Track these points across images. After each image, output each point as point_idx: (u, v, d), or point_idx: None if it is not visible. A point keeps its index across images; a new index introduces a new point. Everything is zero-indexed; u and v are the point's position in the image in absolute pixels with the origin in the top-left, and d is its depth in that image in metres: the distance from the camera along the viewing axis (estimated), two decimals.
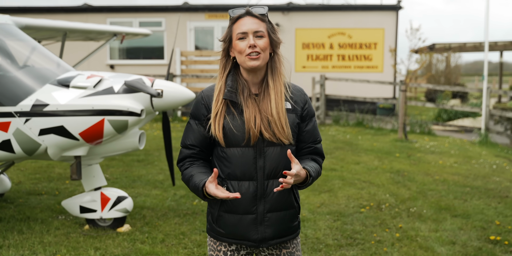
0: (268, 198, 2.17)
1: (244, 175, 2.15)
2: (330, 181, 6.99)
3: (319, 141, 2.30)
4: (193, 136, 2.22)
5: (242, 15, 2.14)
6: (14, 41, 4.84)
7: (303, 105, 2.24)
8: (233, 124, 2.12)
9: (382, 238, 4.83)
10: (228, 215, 2.21)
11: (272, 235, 2.21)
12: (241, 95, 2.16)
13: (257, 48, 2.10)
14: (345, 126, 13.24)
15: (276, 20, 16.35)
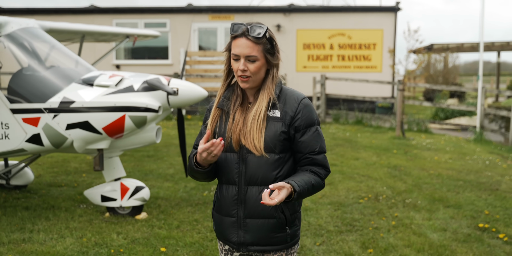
0: (247, 203, 2.22)
1: (228, 179, 2.24)
2: (330, 175, 7.40)
3: (318, 152, 2.23)
4: (200, 138, 2.34)
5: (238, 35, 2.14)
6: (41, 43, 5.26)
7: (294, 114, 2.21)
8: (219, 131, 2.23)
9: (379, 225, 5.25)
10: (216, 215, 2.33)
11: (250, 240, 2.24)
12: (232, 105, 2.24)
13: (247, 72, 2.14)
14: (344, 124, 13.67)
15: (277, 21, 16.78)
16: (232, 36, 2.15)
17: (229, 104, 2.24)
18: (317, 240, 4.77)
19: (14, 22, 5.02)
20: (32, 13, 16.94)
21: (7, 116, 4.79)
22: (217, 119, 2.24)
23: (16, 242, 4.56)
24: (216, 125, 2.24)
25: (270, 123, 2.19)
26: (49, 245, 4.49)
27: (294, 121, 2.20)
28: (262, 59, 2.15)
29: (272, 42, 2.18)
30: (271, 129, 2.18)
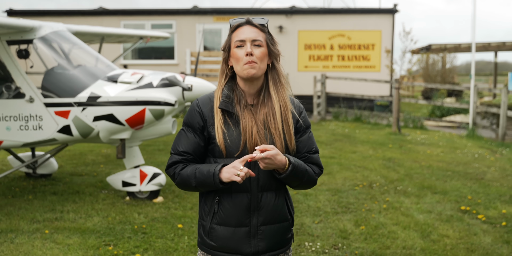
0: (262, 210, 2.15)
1: (238, 187, 2.12)
2: (329, 166, 8.01)
3: (314, 151, 2.25)
4: (186, 143, 2.17)
5: (242, 23, 2.13)
6: (69, 45, 5.88)
7: (299, 116, 2.23)
8: (228, 134, 2.10)
9: (372, 207, 5.86)
10: (220, 228, 2.16)
11: (265, 248, 2.17)
12: (237, 105, 2.14)
13: (253, 57, 2.08)
14: (344, 122, 14.28)
15: (279, 22, 17.39)
16: (235, 25, 2.13)
17: (234, 106, 2.13)
18: (316, 219, 5.38)
19: (46, 26, 5.64)
20: (43, 15, 17.57)
21: (41, 110, 5.41)
22: (223, 123, 2.12)
23: (50, 220, 5.18)
24: (224, 129, 2.11)
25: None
26: (79, 223, 5.11)
27: (297, 123, 2.21)
28: (266, 47, 2.13)
29: (272, 36, 2.19)
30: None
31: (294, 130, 2.19)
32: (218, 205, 2.14)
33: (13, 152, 6.62)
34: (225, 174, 2.02)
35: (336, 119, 14.79)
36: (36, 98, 5.41)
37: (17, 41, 5.58)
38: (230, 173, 2.00)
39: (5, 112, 5.44)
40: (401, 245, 4.66)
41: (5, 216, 5.29)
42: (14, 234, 4.77)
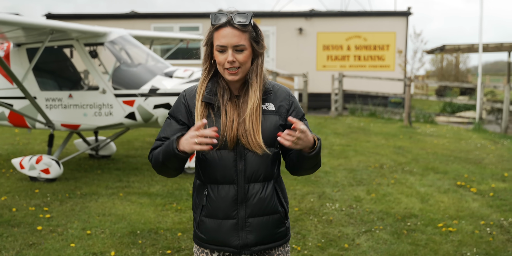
0: (249, 202, 2.10)
1: (224, 178, 2.08)
2: (345, 152, 9.19)
3: None
4: (170, 131, 2.13)
5: (223, 25, 2.01)
6: (132, 47, 7.14)
7: (288, 106, 2.15)
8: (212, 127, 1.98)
9: (381, 182, 7.02)
10: (208, 220, 2.14)
11: (254, 241, 2.13)
12: (220, 99, 2.08)
13: (236, 63, 2.01)
14: (359, 117, 15.43)
15: (299, 25, 18.58)
16: (215, 27, 2.02)
17: (217, 99, 2.07)
18: (334, 189, 6.57)
19: (115, 31, 6.90)
20: (79, 18, 18.95)
21: (112, 99, 6.67)
22: (206, 116, 2.07)
23: (121, 187, 6.45)
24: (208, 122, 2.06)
25: (266, 116, 2.09)
26: (144, 189, 6.37)
27: (289, 114, 2.15)
28: (249, 48, 2.04)
29: (257, 30, 2.08)
30: (269, 123, 2.09)
31: (286, 121, 2.12)
32: (206, 198, 2.13)
33: (82, 136, 7.91)
34: (183, 145, 1.94)
35: (352, 115, 15.94)
36: (107, 90, 6.67)
37: (91, 44, 6.86)
38: (189, 143, 1.92)
39: (83, 101, 6.71)
40: (403, 206, 5.83)
41: (84, 184, 6.57)
42: (96, 196, 6.04)
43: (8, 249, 4.36)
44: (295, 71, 18.22)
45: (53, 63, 7.29)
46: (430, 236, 4.83)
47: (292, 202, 5.90)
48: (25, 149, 9.06)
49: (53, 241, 4.56)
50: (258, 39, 2.07)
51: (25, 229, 4.88)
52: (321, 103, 18.33)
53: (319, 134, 11.33)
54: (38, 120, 6.74)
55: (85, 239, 4.61)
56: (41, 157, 6.64)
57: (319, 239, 4.71)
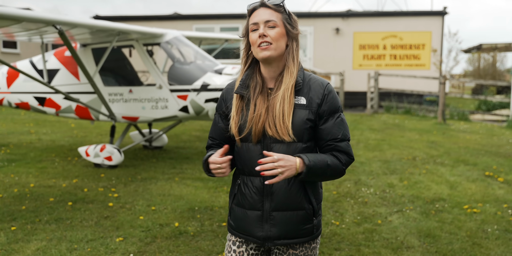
0: (274, 196, 2.11)
1: (251, 171, 2.11)
2: (380, 146, 9.73)
3: (341, 139, 2.11)
4: (214, 129, 2.23)
5: (256, 7, 2.07)
6: (184, 46, 7.86)
7: (320, 101, 2.10)
8: (242, 120, 2.09)
9: (413, 172, 7.56)
10: (237, 209, 2.20)
11: (277, 234, 2.14)
12: (252, 91, 2.10)
13: (267, 38, 2.02)
14: (395, 114, 15.88)
15: (336, 25, 19.11)
16: (250, 10, 2.08)
17: (248, 91, 2.11)
18: (369, 177, 7.14)
19: (170, 33, 7.64)
20: (125, 20, 19.90)
21: (167, 94, 7.40)
22: (240, 109, 2.11)
23: (175, 173, 7.18)
24: (240, 115, 2.10)
25: (296, 110, 2.07)
26: (197, 175, 7.08)
27: (321, 107, 2.10)
28: (282, 27, 2.05)
29: (290, 16, 2.10)
30: (298, 117, 2.06)
31: (317, 116, 2.10)
32: (238, 187, 2.18)
33: (138, 128, 8.70)
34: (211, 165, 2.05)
35: (387, 112, 16.40)
36: (163, 86, 7.40)
37: (149, 44, 7.61)
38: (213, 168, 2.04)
39: (141, 96, 7.47)
40: (433, 192, 6.37)
41: (143, 170, 7.33)
42: (155, 180, 6.79)
43: (88, 220, 5.11)
44: (332, 70, 18.75)
45: (114, 61, 8.07)
46: (456, 216, 5.38)
47: (330, 187, 6.51)
48: (84, 141, 9.91)
49: (124, 215, 5.29)
50: (291, 21, 2.09)
51: (98, 205, 5.64)
52: (357, 101, 18.82)
53: (354, 130, 11.89)
54: (102, 112, 7.53)
55: (151, 213, 5.33)
56: (105, 146, 7.42)
57: (355, 216, 5.32)
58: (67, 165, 7.71)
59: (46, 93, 7.82)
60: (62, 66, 7.72)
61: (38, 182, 6.65)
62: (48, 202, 5.72)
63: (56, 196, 5.96)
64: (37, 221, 5.06)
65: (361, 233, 4.80)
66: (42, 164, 7.73)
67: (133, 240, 4.56)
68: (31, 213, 5.29)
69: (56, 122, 13.04)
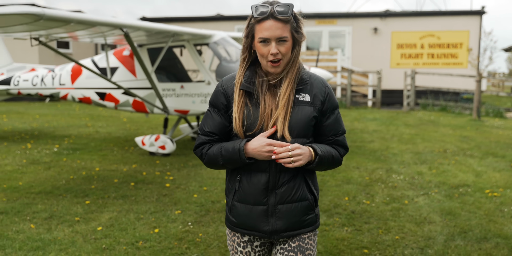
0: (279, 190, 2.14)
1: (257, 167, 2.12)
2: (413, 140, 10.26)
3: (340, 133, 2.23)
4: (212, 123, 2.17)
5: (265, 17, 2.00)
6: (230, 46, 8.60)
7: (323, 98, 2.15)
8: (249, 117, 2.08)
9: (443, 162, 8.09)
10: (240, 205, 2.20)
11: (283, 227, 2.18)
12: (259, 88, 2.11)
13: (279, 55, 2.03)
14: (431, 111, 16.28)
15: (374, 24, 19.58)
16: (258, 19, 2.01)
17: (255, 88, 2.11)
18: (400, 166, 7.73)
19: (217, 34, 8.39)
20: (170, 21, 20.85)
21: None
22: (243, 105, 2.10)
23: None
24: (244, 111, 2.10)
25: (301, 107, 2.10)
26: None
27: (324, 105, 2.15)
28: (291, 39, 2.05)
29: (297, 20, 2.07)
30: (302, 114, 2.10)
31: (320, 113, 2.15)
32: (239, 183, 2.18)
33: (188, 121, 9.49)
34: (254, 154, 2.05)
35: (423, 109, 16.81)
36: (212, 82, 8.16)
37: (198, 44, 8.39)
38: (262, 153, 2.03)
39: (192, 91, 8.25)
40: (459, 179, 6.92)
41: (193, 158, 8.11)
42: (204, 167, 7.55)
43: (149, 197, 5.90)
44: (370, 68, 19.24)
45: (167, 60, 8.88)
46: (477, 198, 5.93)
47: (364, 174, 7.14)
48: (137, 133, 10.78)
49: (180, 193, 6.06)
50: (298, 29, 2.07)
51: (157, 185, 6.43)
52: (394, 99, 19.24)
53: (390, 126, 12.42)
54: (157, 106, 8.35)
55: (203, 193, 6.08)
56: (159, 136, 8.24)
57: (384, 197, 5.94)
58: (125, 153, 8.57)
59: (106, 89, 8.69)
60: (120, 64, 8.57)
61: (102, 166, 7.52)
62: (113, 183, 6.54)
63: (119, 178, 6.79)
64: (106, 197, 5.88)
65: (389, 211, 5.43)
66: (103, 152, 8.62)
67: (190, 213, 5.31)
68: (100, 191, 6.12)
69: (109, 117, 14.03)
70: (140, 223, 4.99)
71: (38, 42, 6.76)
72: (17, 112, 15.16)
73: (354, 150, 9.00)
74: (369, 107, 17.75)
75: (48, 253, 4.21)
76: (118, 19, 6.37)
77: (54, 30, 6.18)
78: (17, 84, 9.58)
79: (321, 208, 5.47)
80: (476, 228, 4.90)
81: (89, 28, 6.17)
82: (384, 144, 9.66)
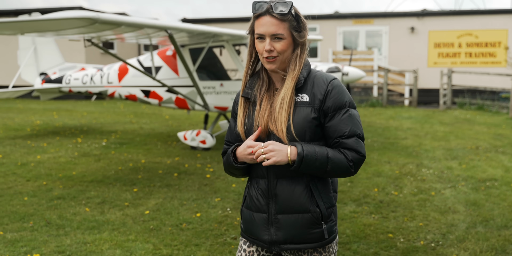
0: (278, 198, 2.06)
1: (256, 172, 2.10)
2: (447, 137, 10.47)
3: (348, 135, 2.02)
4: (229, 133, 2.21)
5: (262, 13, 1.97)
6: None
7: (323, 97, 2.02)
8: (248, 121, 2.08)
9: (473, 158, 8.31)
10: (246, 211, 2.18)
11: (283, 238, 2.07)
12: (257, 92, 2.08)
13: (273, 52, 1.99)
14: (467, 110, 16.34)
15: (411, 24, 19.69)
16: (255, 15, 2.00)
17: (254, 92, 2.09)
18: (431, 161, 7.99)
19: None
20: (210, 22, 21.44)
21: None
22: (246, 110, 2.11)
23: None
24: (246, 116, 2.10)
25: (299, 108, 2.02)
26: None
27: (324, 103, 2.02)
28: (289, 37, 2.00)
29: (299, 19, 2.03)
30: (300, 115, 2.01)
31: (322, 113, 2.03)
32: (248, 189, 2.18)
33: (227, 117, 9.97)
34: (241, 157, 2.05)
35: (460, 108, 16.87)
36: None
37: (237, 44, 8.85)
38: (245, 155, 2.02)
39: (230, 89, 8.71)
40: (487, 173, 7.15)
41: None
42: None
43: (191, 186, 6.38)
44: (407, 68, 19.37)
45: (207, 59, 9.37)
46: (503, 191, 6.19)
47: (394, 168, 7.45)
48: (179, 130, 11.33)
49: (220, 183, 6.52)
50: (299, 28, 2.03)
51: (198, 176, 6.92)
52: (431, 98, 19.31)
53: (425, 124, 12.63)
54: (198, 103, 8.85)
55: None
56: (200, 131, 8.73)
57: (412, 189, 6.26)
58: (168, 148, 9.11)
59: (151, 87, 9.24)
60: (164, 64, 9.11)
61: (147, 159, 8.06)
62: (158, 173, 7.06)
63: (164, 169, 7.31)
64: (152, 186, 6.39)
65: (416, 201, 5.76)
66: (147, 147, 9.18)
67: (228, 200, 5.76)
68: (146, 181, 6.64)
69: (152, 114, 14.68)
70: (183, 208, 5.46)
71: (90, 43, 7.33)
72: (66, 109, 15.99)
73: (387, 146, 9.29)
74: (406, 106, 17.89)
75: (102, 232, 4.72)
76: (163, 22, 6.88)
77: (105, 32, 6.73)
78: (69, 82, 10.25)
79: (351, 198, 5.84)
80: (498, 217, 5.18)
81: (137, 30, 6.70)
82: (417, 141, 9.91)
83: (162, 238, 4.55)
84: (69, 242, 4.44)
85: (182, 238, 4.57)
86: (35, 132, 10.96)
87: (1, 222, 4.97)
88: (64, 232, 4.72)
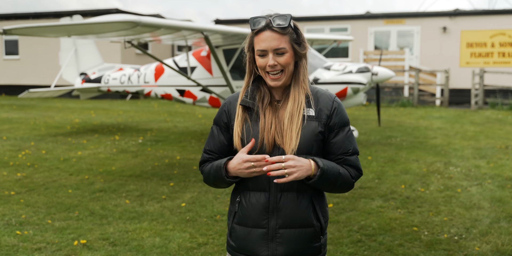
0: (281, 212, 2.01)
1: (256, 185, 2.02)
2: (476, 136, 10.54)
3: (351, 153, 2.06)
4: (213, 142, 2.13)
5: (262, 29, 1.96)
6: None
7: (330, 112, 2.03)
8: (248, 132, 2.01)
9: (502, 157, 8.39)
10: (239, 228, 2.09)
11: (283, 254, 2.04)
12: (260, 103, 2.04)
13: (277, 67, 1.98)
14: (499, 110, 16.26)
15: (443, 23, 19.65)
16: (255, 32, 1.98)
17: (255, 103, 2.04)
18: (459, 160, 8.12)
19: None
20: (242, 23, 21.75)
21: None
22: (243, 121, 2.03)
23: None
24: (243, 126, 2.03)
25: (307, 122, 2.01)
26: None
27: (330, 120, 2.04)
28: (291, 50, 1.99)
29: (298, 32, 2.01)
30: (308, 129, 2.00)
31: (327, 128, 2.04)
32: (238, 204, 2.08)
33: None
34: (236, 172, 1.96)
35: (492, 108, 16.80)
36: None
37: None
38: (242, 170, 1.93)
39: None
40: None
41: None
42: None
43: None
44: (438, 68, 19.33)
45: (239, 60, 9.67)
46: None
47: (422, 166, 7.62)
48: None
49: None
50: (299, 40, 2.02)
51: None
52: (463, 99, 19.22)
53: (455, 124, 12.68)
54: None
55: None
56: None
57: (439, 186, 6.43)
58: (202, 145, 9.44)
59: (186, 86, 9.59)
60: (199, 64, 9.44)
61: (182, 156, 8.41)
62: (193, 169, 7.39)
63: (198, 166, 7.62)
64: (187, 180, 6.72)
65: (442, 197, 5.94)
66: (182, 144, 9.54)
67: None
68: (182, 176, 6.98)
69: (186, 113, 15.09)
70: (217, 201, 5.77)
71: (130, 44, 7.71)
72: (102, 108, 16.54)
73: (416, 145, 9.44)
74: (437, 106, 17.88)
75: (142, 222, 5.05)
76: (199, 24, 7.21)
77: (144, 34, 7.09)
78: (107, 82, 10.69)
79: (378, 194, 6.06)
80: None
81: (175, 32, 7.04)
82: (446, 140, 10.02)
83: (198, 228, 4.85)
84: (112, 230, 4.79)
85: (217, 228, 4.86)
86: (74, 129, 11.46)
87: (49, 212, 5.36)
88: (107, 221, 5.07)
